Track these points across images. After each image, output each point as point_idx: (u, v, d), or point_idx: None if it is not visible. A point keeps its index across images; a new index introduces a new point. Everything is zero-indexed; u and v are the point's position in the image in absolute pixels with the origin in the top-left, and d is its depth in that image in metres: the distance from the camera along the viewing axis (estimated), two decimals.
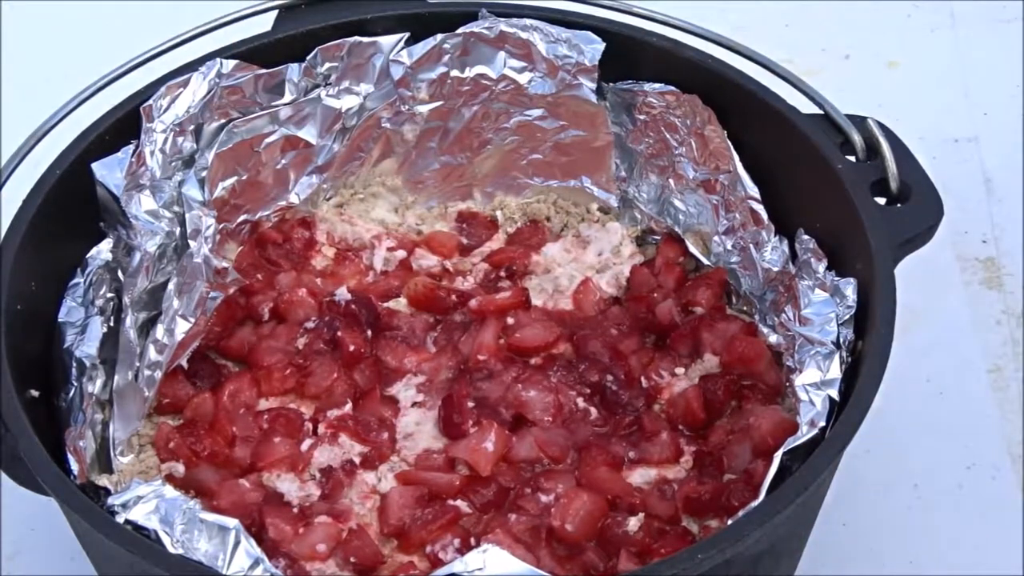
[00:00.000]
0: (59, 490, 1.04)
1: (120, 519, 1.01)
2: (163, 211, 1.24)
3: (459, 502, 1.16)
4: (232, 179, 1.30)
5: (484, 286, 1.34)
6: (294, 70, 1.30)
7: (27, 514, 1.31)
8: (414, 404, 1.25)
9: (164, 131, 1.24)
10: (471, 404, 1.22)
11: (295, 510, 1.16)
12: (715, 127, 1.27)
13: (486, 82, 1.33)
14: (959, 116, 1.66)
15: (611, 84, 1.32)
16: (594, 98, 1.32)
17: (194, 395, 1.24)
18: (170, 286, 1.22)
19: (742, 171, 1.27)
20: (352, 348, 1.26)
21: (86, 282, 1.21)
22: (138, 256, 1.21)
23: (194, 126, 1.26)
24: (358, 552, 1.13)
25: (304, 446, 1.21)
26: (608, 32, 1.31)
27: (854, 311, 1.14)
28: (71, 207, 1.20)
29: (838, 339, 1.13)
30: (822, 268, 1.19)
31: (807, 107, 1.24)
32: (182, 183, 1.26)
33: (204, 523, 1.01)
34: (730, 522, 1.03)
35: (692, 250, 1.32)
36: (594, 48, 1.31)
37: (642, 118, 1.33)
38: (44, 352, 1.18)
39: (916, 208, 1.18)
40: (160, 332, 1.21)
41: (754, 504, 1.01)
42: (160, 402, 1.24)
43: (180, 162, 1.26)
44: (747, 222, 1.27)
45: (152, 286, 1.22)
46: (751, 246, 1.27)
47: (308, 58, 1.30)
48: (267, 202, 1.34)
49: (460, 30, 1.32)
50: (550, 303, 1.33)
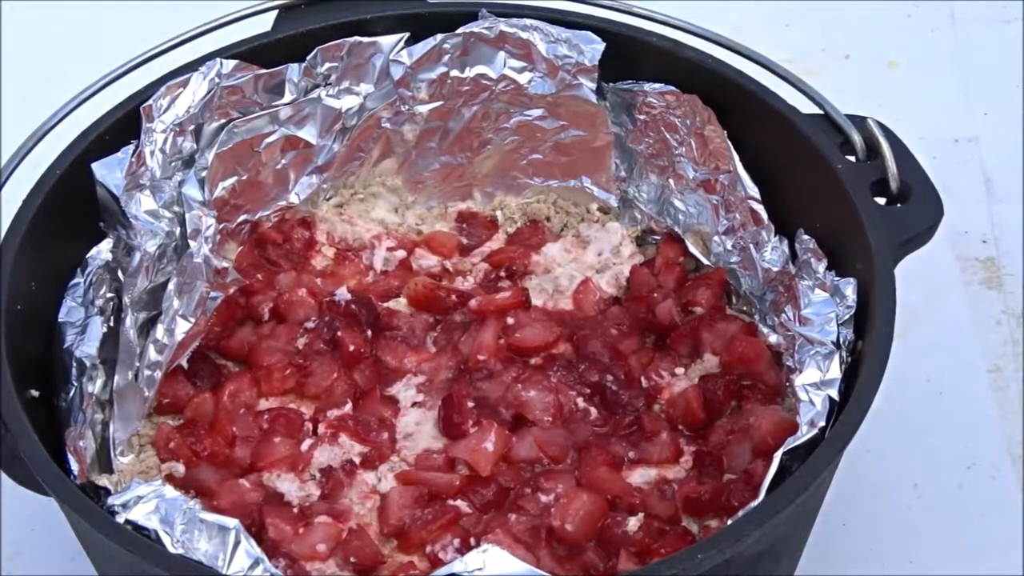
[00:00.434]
0: (59, 490, 1.04)
1: (120, 519, 1.01)
2: (163, 211, 1.24)
3: (459, 502, 1.16)
4: (232, 179, 1.30)
5: (484, 286, 1.34)
6: (294, 70, 1.30)
7: (27, 514, 1.31)
8: (414, 404, 1.25)
9: (164, 131, 1.24)
10: (471, 404, 1.22)
11: (295, 510, 1.16)
12: (715, 127, 1.27)
13: (486, 82, 1.33)
14: (959, 116, 1.66)
15: (611, 84, 1.32)
16: (594, 98, 1.32)
17: (194, 395, 1.24)
18: (170, 286, 1.22)
19: (742, 171, 1.27)
20: (352, 348, 1.26)
21: (86, 282, 1.21)
22: (138, 256, 1.21)
23: (194, 126, 1.26)
24: (358, 552, 1.13)
25: (304, 446, 1.21)
26: (608, 32, 1.31)
27: (854, 311, 1.14)
28: (71, 207, 1.20)
29: (838, 339, 1.13)
30: (822, 268, 1.19)
31: (807, 107, 1.24)
32: (182, 183, 1.26)
33: (204, 523, 1.01)
34: (730, 522, 1.03)
35: (692, 250, 1.32)
36: (594, 48, 1.31)
37: (642, 118, 1.33)
38: (44, 352, 1.18)
39: (916, 208, 1.18)
40: (160, 332, 1.21)
41: (754, 504, 1.01)
42: (160, 402, 1.24)
43: (180, 162, 1.26)
44: (747, 222, 1.27)
45: (152, 286, 1.22)
46: (751, 246, 1.27)
47: (308, 58, 1.30)
48: (267, 202, 1.34)
49: (460, 30, 1.32)
50: (550, 303, 1.33)
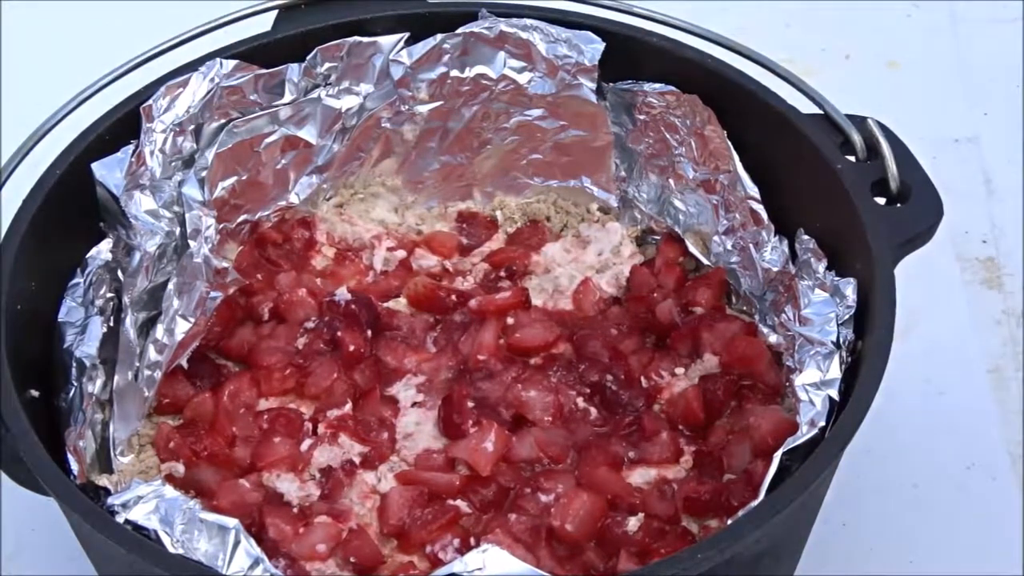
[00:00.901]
0: (59, 490, 1.04)
1: (120, 519, 1.01)
2: (163, 211, 1.24)
3: (459, 502, 1.16)
4: (232, 179, 1.30)
5: (484, 286, 1.34)
6: (294, 70, 1.30)
7: (27, 514, 1.31)
8: (414, 404, 1.25)
9: (164, 131, 1.24)
10: (471, 404, 1.22)
11: (295, 510, 1.16)
12: (715, 127, 1.27)
13: (486, 82, 1.33)
14: (959, 116, 1.66)
15: (611, 84, 1.32)
16: (594, 98, 1.32)
17: (194, 395, 1.24)
18: (170, 286, 1.22)
19: (742, 171, 1.27)
20: (352, 348, 1.26)
21: (86, 282, 1.21)
22: (138, 256, 1.21)
23: (194, 126, 1.26)
24: (358, 552, 1.13)
25: (304, 446, 1.21)
26: (608, 32, 1.31)
27: (854, 311, 1.14)
28: (71, 207, 1.20)
29: (838, 339, 1.13)
30: (822, 268, 1.19)
31: (807, 107, 1.24)
32: (182, 183, 1.26)
33: (204, 523, 1.01)
34: (730, 522, 1.03)
35: (692, 250, 1.32)
36: (594, 48, 1.31)
37: (642, 118, 1.33)
38: (44, 352, 1.18)
39: (916, 208, 1.18)
40: (160, 332, 1.21)
41: (754, 504, 1.01)
42: (160, 402, 1.24)
43: (180, 162, 1.26)
44: (747, 222, 1.27)
45: (152, 286, 1.22)
46: (751, 246, 1.27)
47: (308, 58, 1.30)
48: (267, 202, 1.34)
49: (460, 30, 1.32)
50: (550, 303, 1.33)
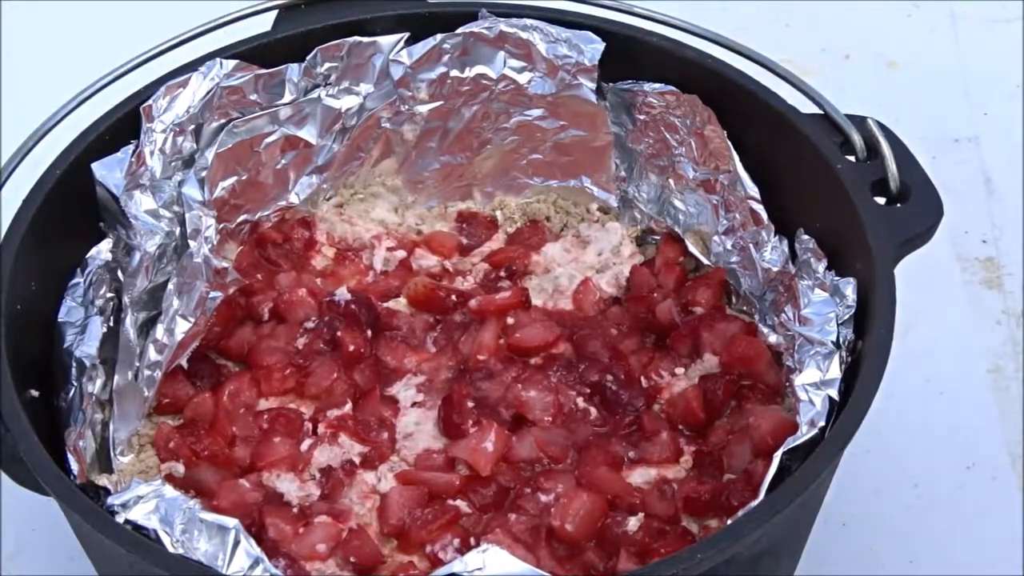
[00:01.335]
0: (59, 490, 1.04)
1: (120, 519, 1.01)
2: (163, 211, 1.24)
3: (459, 502, 1.16)
4: (232, 179, 1.30)
5: (484, 286, 1.34)
6: (294, 70, 1.30)
7: (27, 514, 1.31)
8: (414, 404, 1.25)
9: (164, 131, 1.25)
10: (471, 404, 1.22)
11: (295, 510, 1.16)
12: (715, 127, 1.27)
13: (486, 82, 1.33)
14: (959, 116, 1.66)
15: (611, 84, 1.32)
16: (594, 98, 1.32)
17: (194, 395, 1.24)
18: (170, 286, 1.22)
19: (742, 171, 1.27)
20: (352, 348, 1.26)
21: (86, 282, 1.21)
22: (138, 256, 1.21)
23: (194, 126, 1.26)
24: (358, 552, 1.13)
25: (304, 446, 1.21)
26: (608, 32, 1.31)
27: (854, 311, 1.14)
28: (71, 207, 1.20)
29: (838, 339, 1.13)
30: (822, 268, 1.19)
31: (807, 107, 1.24)
32: (182, 183, 1.26)
33: (204, 523, 1.01)
34: (730, 522, 1.03)
35: (692, 250, 1.32)
36: (594, 48, 1.31)
37: (642, 118, 1.33)
38: (44, 352, 1.18)
39: (916, 208, 1.18)
40: (160, 332, 1.21)
41: (754, 504, 1.01)
42: (160, 402, 1.24)
43: (180, 162, 1.26)
44: (747, 222, 1.27)
45: (152, 286, 1.22)
46: (751, 246, 1.27)
47: (308, 58, 1.30)
48: (267, 202, 1.34)
49: (460, 30, 1.32)
50: (550, 303, 1.33)
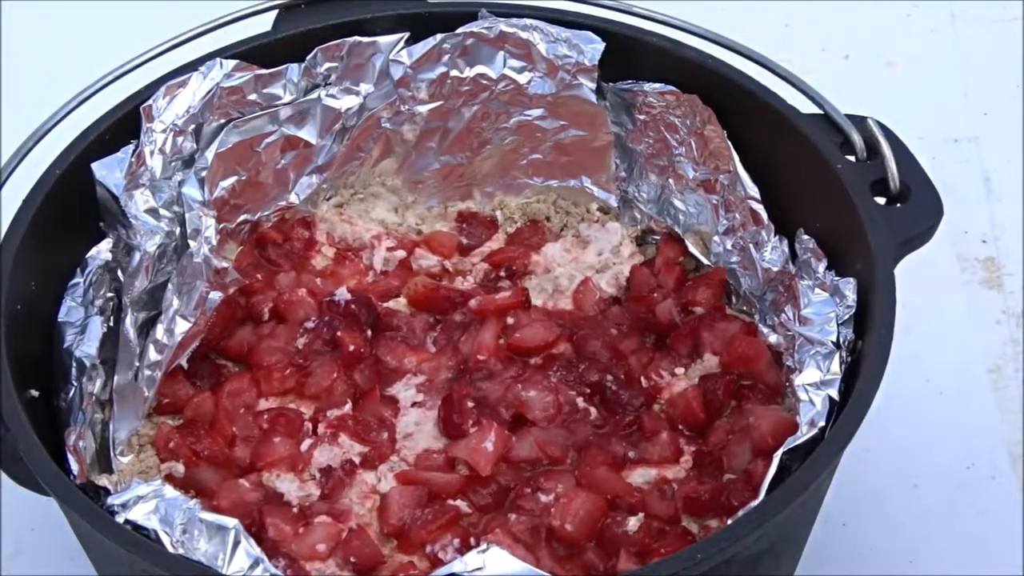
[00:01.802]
0: (59, 490, 1.04)
1: (120, 519, 1.01)
2: (163, 211, 1.24)
3: (459, 502, 1.16)
4: (232, 179, 1.30)
5: (484, 286, 1.34)
6: (294, 70, 1.30)
7: (27, 514, 1.31)
8: (414, 404, 1.25)
9: (164, 131, 1.25)
10: (471, 404, 1.22)
11: (295, 510, 1.16)
12: (715, 127, 1.27)
13: (486, 82, 1.33)
14: (959, 116, 1.66)
15: (611, 84, 1.32)
16: (594, 98, 1.32)
17: (194, 395, 1.24)
18: (170, 286, 1.23)
19: (742, 171, 1.27)
20: (352, 348, 1.26)
21: (86, 282, 1.21)
22: (138, 256, 1.21)
23: (194, 126, 1.26)
24: (358, 552, 1.13)
25: (304, 446, 1.21)
26: (608, 32, 1.31)
27: (854, 311, 1.14)
28: (71, 207, 1.20)
29: (838, 339, 1.13)
30: (822, 268, 1.19)
31: (807, 107, 1.24)
32: (182, 183, 1.26)
33: (204, 523, 1.01)
34: (730, 522, 1.03)
35: (692, 250, 1.32)
36: (594, 48, 1.31)
37: (642, 118, 1.33)
38: (44, 352, 1.18)
39: (916, 208, 1.18)
40: (160, 332, 1.21)
41: (754, 504, 1.01)
42: (160, 402, 1.24)
43: (180, 162, 1.26)
44: (747, 222, 1.27)
45: (152, 286, 1.22)
46: (751, 246, 1.27)
47: (308, 58, 1.30)
48: (267, 202, 1.34)
49: (460, 30, 1.32)
50: (550, 303, 1.33)
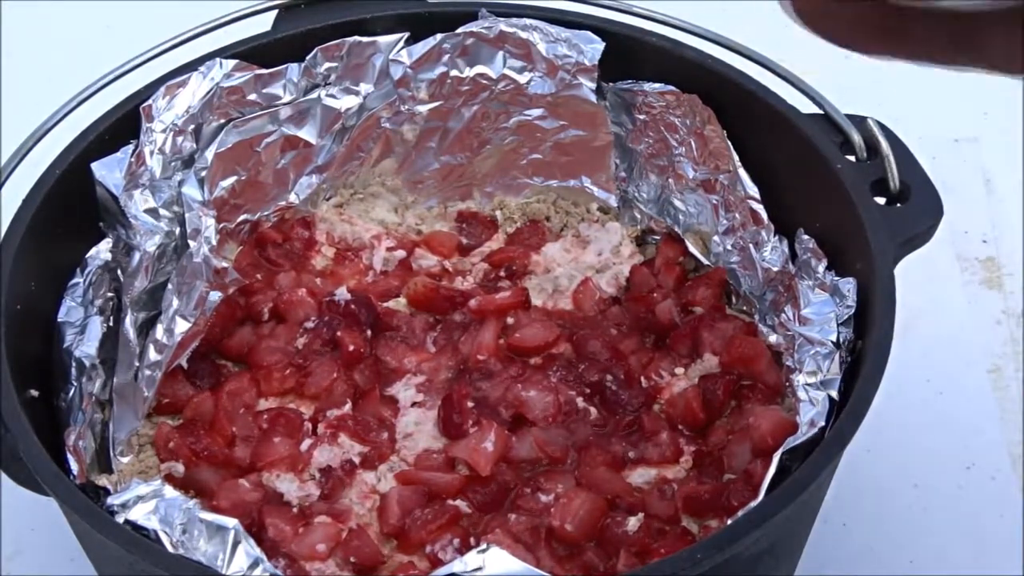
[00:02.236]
0: (59, 490, 1.03)
1: (120, 519, 1.01)
2: (163, 211, 1.24)
3: (459, 502, 1.16)
4: (232, 179, 1.30)
5: (484, 286, 1.34)
6: (294, 70, 1.30)
7: (27, 514, 1.31)
8: (414, 404, 1.25)
9: (164, 131, 1.25)
10: (471, 404, 1.22)
11: (295, 510, 1.16)
12: (715, 127, 1.27)
13: (486, 82, 1.33)
14: (959, 116, 1.66)
15: (611, 84, 1.32)
16: (594, 98, 1.32)
17: (194, 395, 1.24)
18: (170, 286, 1.23)
19: (742, 171, 1.27)
20: (352, 348, 1.26)
21: (86, 282, 1.21)
22: (137, 256, 1.21)
23: (194, 126, 1.26)
24: (358, 552, 1.13)
25: (304, 446, 1.21)
26: (608, 32, 1.31)
27: (854, 311, 1.14)
28: (71, 207, 1.20)
29: (838, 339, 1.13)
30: (822, 268, 1.19)
31: (807, 107, 1.24)
32: (182, 183, 1.26)
33: (204, 523, 1.01)
34: (730, 522, 1.03)
35: (692, 250, 1.32)
36: (594, 48, 1.31)
37: (642, 118, 1.33)
38: (44, 352, 1.18)
39: (916, 208, 1.18)
40: (160, 332, 1.21)
41: (754, 504, 1.01)
42: (160, 402, 1.24)
43: (180, 162, 1.26)
44: (747, 222, 1.27)
45: (152, 286, 1.22)
46: (751, 246, 1.27)
47: (308, 58, 1.30)
48: (267, 202, 1.34)
49: (460, 30, 1.32)
50: (550, 303, 1.33)
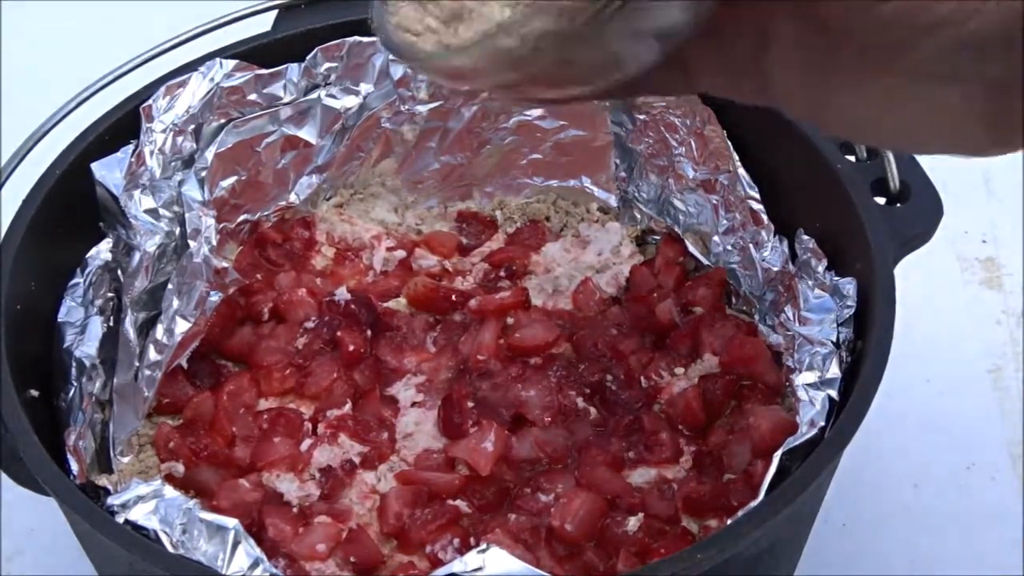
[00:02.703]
0: (59, 490, 1.03)
1: (120, 519, 1.01)
2: (163, 211, 1.24)
3: (459, 502, 1.16)
4: (232, 179, 1.31)
5: (484, 286, 1.34)
6: (294, 70, 1.30)
7: (27, 514, 1.31)
8: (414, 404, 1.25)
9: (164, 131, 1.25)
10: (471, 404, 1.22)
11: (295, 510, 1.16)
12: (715, 127, 1.27)
13: None
14: None
15: None
16: None
17: (194, 395, 1.24)
18: (170, 286, 1.23)
19: (742, 171, 1.27)
20: (352, 348, 1.26)
21: (86, 282, 1.21)
22: (138, 256, 1.21)
23: (194, 126, 1.26)
24: (358, 552, 1.13)
25: (304, 446, 1.21)
26: None
27: (854, 311, 1.14)
28: (71, 207, 1.21)
29: (838, 339, 1.13)
30: (822, 268, 1.19)
31: None
32: (182, 183, 1.26)
33: (204, 523, 1.01)
34: (730, 522, 1.03)
35: (692, 250, 1.32)
36: None
37: (642, 118, 1.33)
38: (44, 352, 1.18)
39: (916, 208, 1.18)
40: (160, 332, 1.21)
41: (754, 504, 1.01)
42: (160, 402, 1.24)
43: (180, 162, 1.26)
44: (747, 222, 1.27)
45: (152, 286, 1.22)
46: (751, 246, 1.27)
47: (308, 58, 1.30)
48: (267, 202, 1.34)
49: None
50: (550, 303, 1.33)
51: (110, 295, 1.22)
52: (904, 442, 1.36)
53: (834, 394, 1.09)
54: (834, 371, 1.11)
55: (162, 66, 1.27)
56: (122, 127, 1.23)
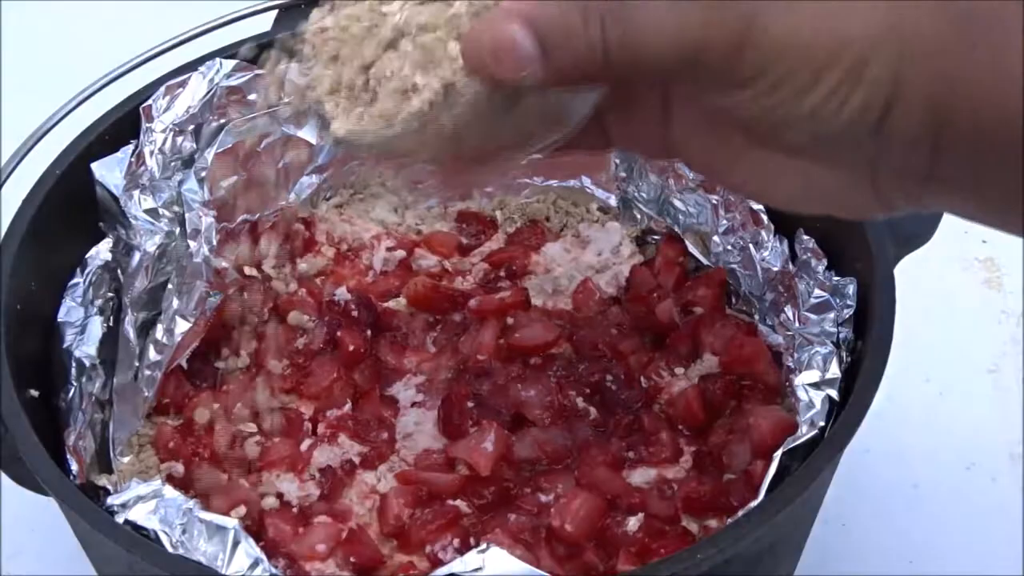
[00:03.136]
0: (59, 490, 1.03)
1: (120, 519, 1.01)
2: (163, 211, 1.24)
3: (459, 502, 1.16)
4: (232, 179, 1.30)
5: (484, 286, 1.34)
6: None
7: (27, 514, 1.31)
8: (414, 404, 1.25)
9: (164, 131, 1.25)
10: (471, 404, 1.22)
11: (295, 510, 1.16)
12: None
13: None
14: None
15: None
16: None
17: (194, 395, 1.24)
18: (170, 286, 1.23)
19: None
20: (352, 348, 1.26)
21: (86, 282, 1.21)
22: (138, 256, 1.21)
23: (194, 126, 1.26)
24: (358, 552, 1.13)
25: (304, 446, 1.21)
26: None
27: (854, 311, 1.14)
28: (71, 207, 1.20)
29: (838, 339, 1.13)
30: (822, 268, 1.19)
31: None
32: (182, 183, 1.26)
33: (203, 523, 1.01)
34: (730, 522, 1.03)
35: (692, 250, 1.32)
36: None
37: None
38: (44, 352, 1.18)
39: None
40: (160, 332, 1.21)
41: (754, 504, 1.01)
42: (160, 402, 1.24)
43: (180, 162, 1.26)
44: (747, 222, 1.27)
45: (152, 286, 1.22)
46: (751, 246, 1.27)
47: None
48: (267, 202, 1.34)
49: None
50: (550, 303, 1.33)
51: (110, 295, 1.22)
52: (904, 442, 1.36)
53: (834, 394, 1.09)
54: (834, 371, 1.11)
55: (162, 66, 1.27)
56: (122, 127, 1.23)
